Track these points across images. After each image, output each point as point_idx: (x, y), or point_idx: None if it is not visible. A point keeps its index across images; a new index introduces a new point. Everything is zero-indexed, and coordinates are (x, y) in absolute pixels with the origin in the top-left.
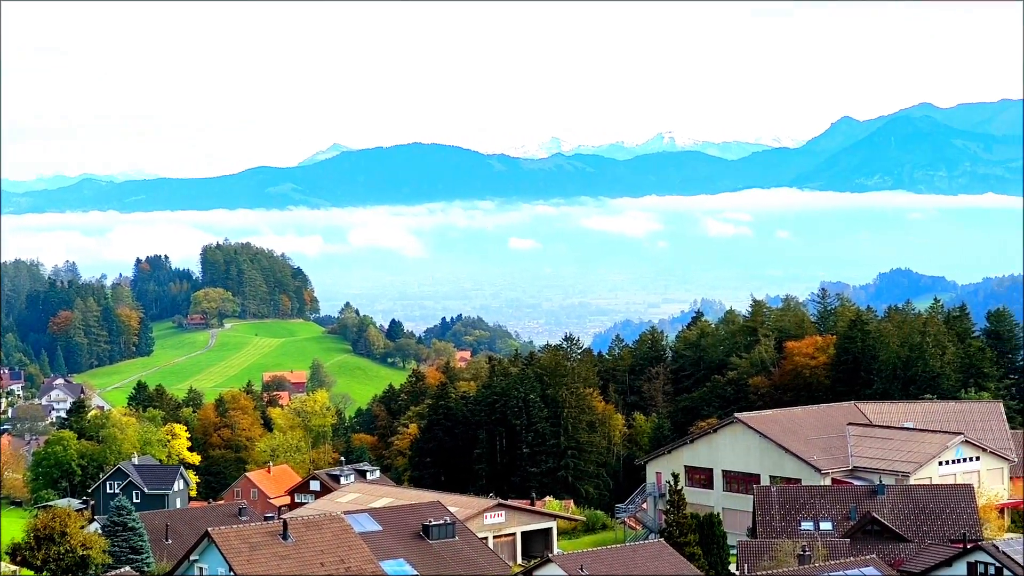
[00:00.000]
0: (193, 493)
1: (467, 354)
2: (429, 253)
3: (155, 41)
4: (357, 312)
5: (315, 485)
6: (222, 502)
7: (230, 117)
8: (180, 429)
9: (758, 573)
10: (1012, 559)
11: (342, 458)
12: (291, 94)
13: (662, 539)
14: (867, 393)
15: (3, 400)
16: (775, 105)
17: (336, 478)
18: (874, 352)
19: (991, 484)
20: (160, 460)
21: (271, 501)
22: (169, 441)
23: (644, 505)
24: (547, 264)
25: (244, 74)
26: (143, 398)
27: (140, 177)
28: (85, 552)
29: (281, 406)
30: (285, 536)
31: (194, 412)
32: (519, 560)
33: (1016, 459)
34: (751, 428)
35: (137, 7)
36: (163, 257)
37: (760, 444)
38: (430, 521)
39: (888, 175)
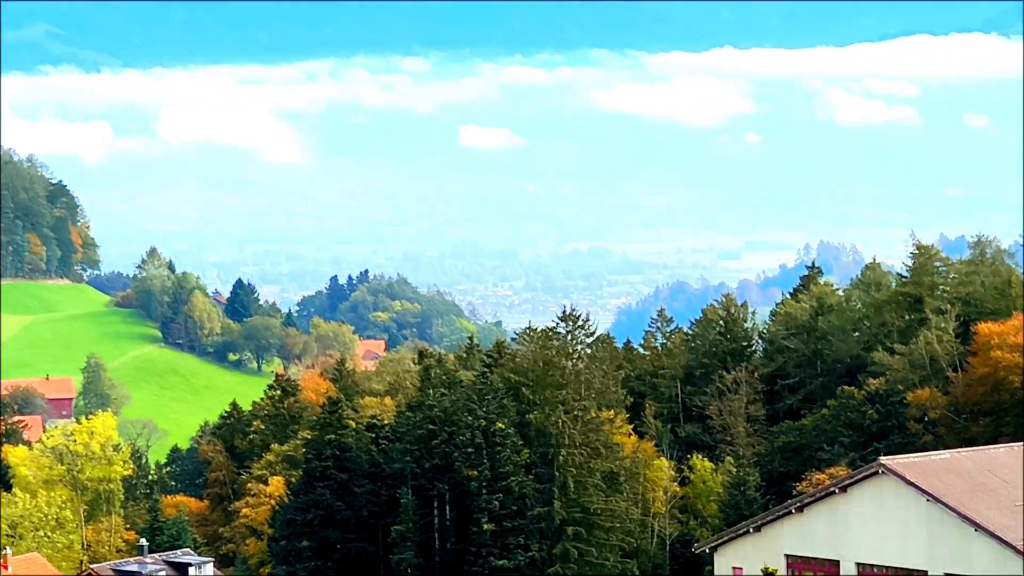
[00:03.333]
0: None
1: (379, 345)
2: (309, 153)
3: None
4: (172, 266)
5: None
6: None
7: None
8: None
9: None
10: None
11: (143, 540)
12: None
13: None
14: None
15: None
16: None
17: None
18: None
19: None
20: None
21: None
22: None
23: None
24: (530, 173)
25: None
26: None
27: None
28: None
29: (27, 443)
30: None
31: None
32: None
33: None
34: (911, 485)
35: None
36: None
37: (928, 514)
38: None
39: None
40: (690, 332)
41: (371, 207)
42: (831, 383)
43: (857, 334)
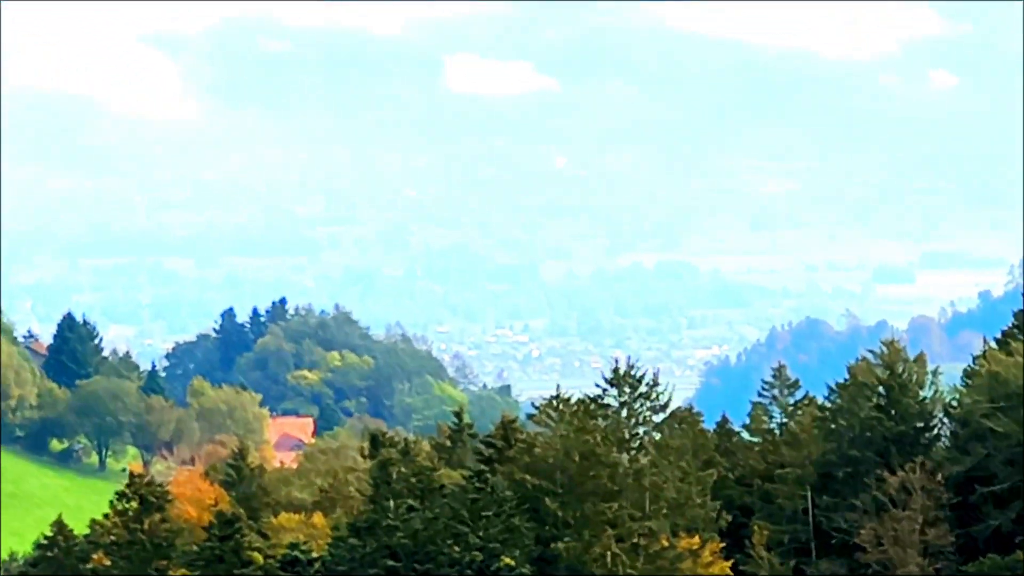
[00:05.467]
0: None
1: (303, 425)
2: (192, 103)
3: None
4: None
5: None
6: None
7: None
8: None
9: None
10: None
11: None
12: None
13: None
14: None
15: None
16: None
17: None
18: None
19: None
20: None
21: None
22: None
23: None
24: (560, 136)
25: None
26: None
27: None
28: None
29: None
30: None
31: None
32: None
33: None
34: None
35: None
36: None
37: None
38: None
39: None
40: (828, 405)
41: (294, 191)
42: None
43: None
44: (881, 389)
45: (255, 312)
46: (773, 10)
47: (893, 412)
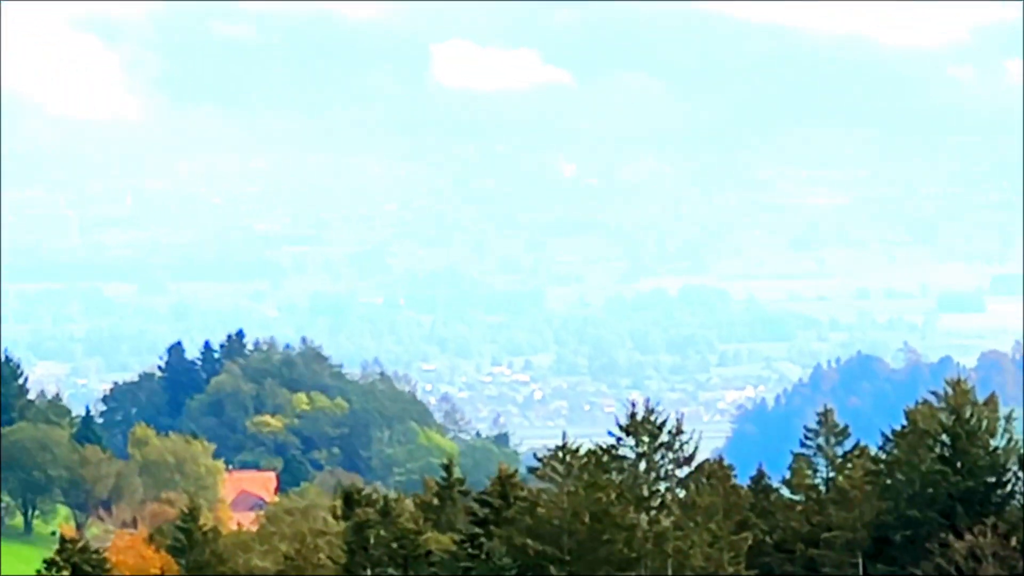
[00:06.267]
0: None
1: (265, 481)
2: (133, 97)
3: None
4: None
5: None
6: None
7: None
8: None
9: None
10: None
11: None
12: None
13: None
14: None
15: None
16: None
17: None
18: None
19: None
20: None
21: None
22: None
23: None
24: (571, 138)
25: None
26: None
27: None
28: None
29: None
30: None
31: None
32: None
33: None
34: None
35: None
36: None
37: None
38: None
39: None
40: (884, 457)
41: (254, 205)
42: None
43: None
44: (945, 437)
45: (208, 347)
46: None
47: (960, 465)
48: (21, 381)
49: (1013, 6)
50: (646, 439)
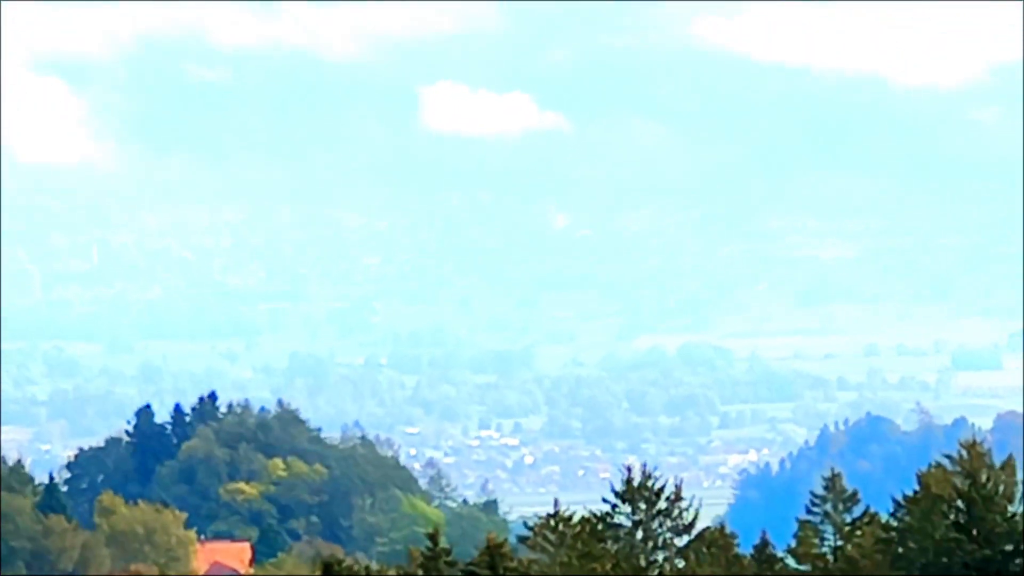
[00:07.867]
0: None
1: (239, 551)
2: (102, 144)
3: None
4: None
5: None
6: None
7: None
8: None
9: None
10: None
11: None
12: None
13: None
14: None
15: None
16: None
17: None
18: None
19: None
20: None
21: None
22: None
23: None
24: (563, 188)
25: None
26: None
27: None
28: None
29: None
30: None
31: None
32: None
33: None
34: None
35: None
36: None
37: None
38: None
39: None
40: (895, 524)
41: (227, 259)
42: None
43: None
44: (960, 503)
45: (178, 410)
46: (833, 27)
47: (975, 532)
48: None
49: None
50: (643, 506)
